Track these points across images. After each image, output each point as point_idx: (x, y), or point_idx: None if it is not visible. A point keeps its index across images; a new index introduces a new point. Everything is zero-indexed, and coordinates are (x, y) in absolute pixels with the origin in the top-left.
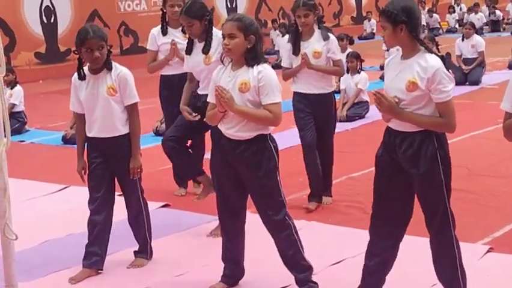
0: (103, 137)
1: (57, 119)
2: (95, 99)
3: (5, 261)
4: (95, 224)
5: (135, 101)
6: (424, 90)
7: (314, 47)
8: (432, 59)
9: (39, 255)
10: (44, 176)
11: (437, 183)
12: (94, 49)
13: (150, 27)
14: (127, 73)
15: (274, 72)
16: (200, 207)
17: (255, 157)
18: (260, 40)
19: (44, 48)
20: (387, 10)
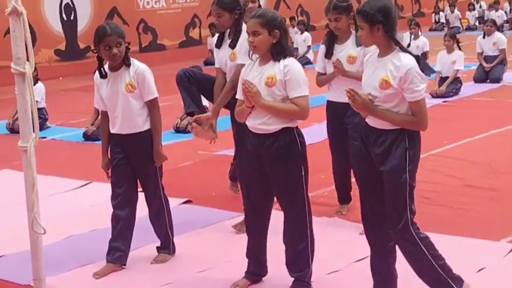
0: (124, 134)
1: (78, 116)
2: (116, 96)
3: (33, 255)
4: (118, 219)
5: (154, 97)
6: (396, 88)
7: (349, 51)
8: (405, 58)
9: (64, 250)
10: (66, 172)
11: (401, 181)
12: (112, 46)
13: (169, 24)
14: (144, 69)
15: (300, 65)
16: (222, 204)
17: (281, 150)
18: (285, 34)
19: (64, 45)
20: (364, 10)
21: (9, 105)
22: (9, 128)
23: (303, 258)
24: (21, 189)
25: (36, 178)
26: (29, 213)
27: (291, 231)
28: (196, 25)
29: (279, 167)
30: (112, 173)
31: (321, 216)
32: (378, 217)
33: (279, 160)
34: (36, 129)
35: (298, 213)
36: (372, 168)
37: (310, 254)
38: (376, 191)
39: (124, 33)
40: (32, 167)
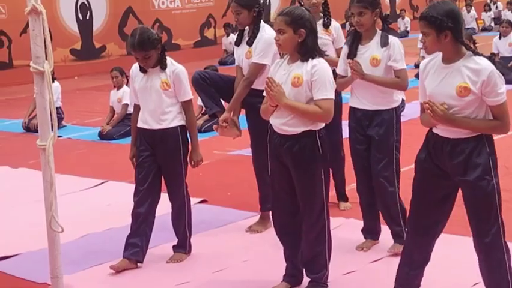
0: (152, 129)
1: (94, 115)
2: (149, 91)
3: (51, 253)
4: (137, 216)
5: (189, 98)
6: (477, 94)
7: (373, 52)
8: (483, 61)
9: (80, 249)
10: (82, 171)
11: (490, 190)
12: (140, 58)
13: (184, 24)
14: (181, 71)
15: (329, 67)
16: (237, 204)
17: (302, 153)
18: (312, 33)
19: (80, 44)
20: (431, 16)
21: (25, 104)
22: (25, 127)
23: (320, 260)
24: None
25: (54, 177)
26: (47, 212)
27: (309, 233)
28: (211, 25)
29: (299, 169)
30: (137, 170)
31: (338, 216)
32: (425, 229)
33: (299, 162)
34: (55, 128)
35: (317, 215)
36: (440, 182)
37: (327, 256)
38: (435, 205)
39: (155, 42)
40: (51, 165)
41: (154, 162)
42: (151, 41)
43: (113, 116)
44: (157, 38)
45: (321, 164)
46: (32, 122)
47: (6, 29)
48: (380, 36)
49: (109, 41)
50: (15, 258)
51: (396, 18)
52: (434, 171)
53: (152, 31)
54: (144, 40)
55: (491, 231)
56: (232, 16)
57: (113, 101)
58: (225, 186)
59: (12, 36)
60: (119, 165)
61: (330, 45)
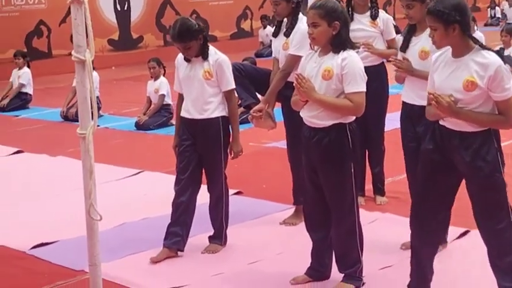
0: (194, 118)
1: (131, 105)
2: (192, 80)
3: (89, 241)
4: (178, 205)
5: (232, 88)
6: (483, 88)
7: (423, 45)
8: (491, 55)
9: (117, 238)
10: (118, 160)
11: (500, 185)
12: (181, 49)
13: (220, 15)
14: (224, 60)
15: (360, 60)
16: (273, 196)
17: (331, 146)
18: (345, 25)
19: (117, 35)
20: (438, 10)
21: (63, 93)
22: (63, 115)
23: (353, 254)
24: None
25: (93, 165)
26: (86, 200)
27: (339, 228)
28: (247, 17)
29: (328, 163)
30: (178, 159)
31: (374, 211)
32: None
33: (328, 156)
34: (95, 117)
35: (347, 210)
36: (447, 173)
37: (360, 250)
38: (443, 197)
39: (195, 33)
40: (90, 154)
41: (195, 151)
42: (191, 31)
43: (150, 107)
44: (197, 28)
45: (351, 158)
46: (70, 111)
47: (45, 19)
48: None
49: (146, 31)
50: (54, 245)
51: None
52: (442, 162)
53: (193, 22)
54: (184, 31)
55: (502, 222)
56: (269, 8)
57: (150, 92)
58: (260, 178)
59: (51, 26)
60: (155, 155)
61: (378, 38)
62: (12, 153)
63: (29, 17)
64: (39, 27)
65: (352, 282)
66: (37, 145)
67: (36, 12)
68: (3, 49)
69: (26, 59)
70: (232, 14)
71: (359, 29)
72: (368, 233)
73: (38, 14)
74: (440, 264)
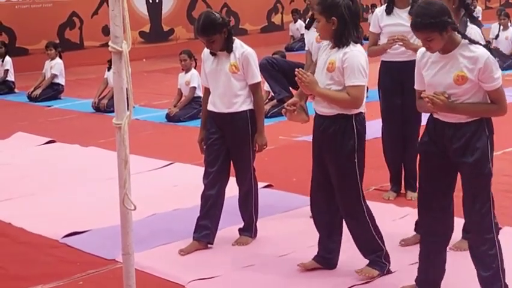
0: (222, 112)
1: (161, 97)
2: (219, 74)
3: (123, 230)
4: (207, 198)
5: (258, 81)
6: (474, 81)
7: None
8: (478, 49)
9: (148, 228)
10: (149, 152)
11: (486, 171)
12: (205, 43)
13: (251, 9)
14: (250, 53)
15: (363, 54)
16: (303, 189)
17: (335, 136)
18: (344, 20)
19: (149, 27)
20: (428, 23)
21: (95, 84)
22: (95, 106)
23: (372, 242)
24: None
25: (128, 155)
26: (121, 190)
27: (347, 218)
28: (278, 11)
29: (332, 151)
30: (206, 152)
31: (404, 206)
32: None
33: (332, 144)
34: (131, 107)
35: (354, 199)
36: (443, 164)
37: (378, 237)
38: (444, 186)
39: (218, 26)
40: (125, 144)
41: (223, 144)
42: (215, 25)
43: (181, 99)
44: (221, 22)
45: (354, 148)
46: (102, 102)
47: (78, 11)
48: (459, 23)
49: (177, 24)
50: (86, 234)
51: None
52: (437, 155)
53: (217, 15)
54: (207, 25)
55: (483, 210)
56: (300, 2)
57: (181, 84)
58: (290, 172)
59: (83, 17)
60: (185, 147)
61: None
62: (44, 143)
63: (62, 8)
64: (72, 18)
65: (376, 268)
66: (69, 135)
67: (69, 3)
68: (36, 40)
69: (58, 50)
70: (263, 8)
71: (398, 23)
72: (398, 228)
73: (71, 6)
74: (453, 267)
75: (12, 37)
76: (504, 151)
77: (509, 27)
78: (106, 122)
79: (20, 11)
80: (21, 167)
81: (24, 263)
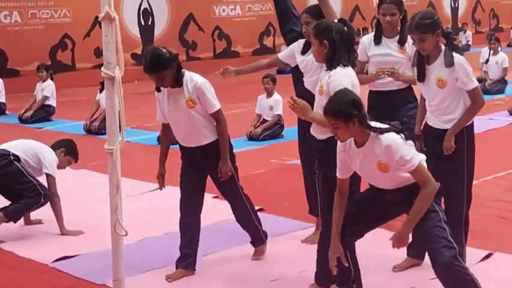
0: (193, 146)
1: (153, 119)
2: (178, 112)
3: (114, 256)
4: (187, 226)
5: (217, 109)
6: (395, 165)
7: (439, 74)
8: (385, 137)
9: (139, 252)
10: (140, 174)
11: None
12: (153, 79)
13: (243, 32)
14: (202, 83)
15: (348, 76)
16: (295, 214)
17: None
18: (334, 44)
19: (141, 49)
20: (335, 110)
21: (86, 106)
22: (86, 129)
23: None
24: (97, 189)
25: (120, 180)
26: (112, 215)
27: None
28: (270, 33)
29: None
30: (181, 179)
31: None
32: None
33: (321, 164)
34: (123, 132)
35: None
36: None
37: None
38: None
39: (167, 62)
40: (117, 169)
41: (198, 170)
42: (163, 61)
43: None
44: (169, 57)
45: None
46: (94, 124)
47: (70, 32)
48: (443, 56)
49: (170, 46)
50: (76, 259)
51: (458, 31)
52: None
53: (164, 50)
54: (155, 61)
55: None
56: None
57: None
58: (282, 196)
59: (76, 39)
60: (176, 170)
61: (405, 64)
62: None
63: (54, 30)
64: (64, 40)
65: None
66: None
67: (61, 25)
68: (28, 61)
69: (49, 72)
70: (255, 30)
71: (386, 53)
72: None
73: (63, 28)
74: None
75: (3, 58)
76: (495, 176)
77: (499, 51)
78: (97, 144)
79: (12, 32)
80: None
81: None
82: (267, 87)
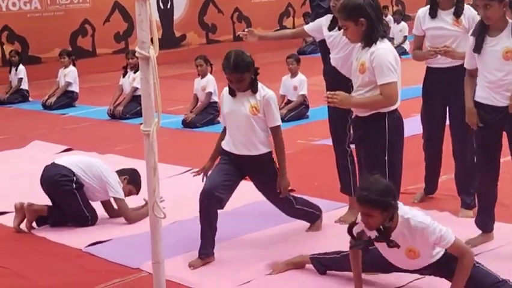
0: (242, 154)
1: (177, 103)
2: (238, 115)
3: (153, 238)
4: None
5: (278, 124)
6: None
7: (506, 45)
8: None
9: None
10: (167, 158)
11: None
12: (233, 81)
13: (263, 12)
14: (271, 96)
15: (390, 50)
16: (326, 194)
17: (368, 135)
18: (371, 19)
19: (160, 33)
20: (373, 199)
21: (108, 91)
22: (110, 114)
23: None
24: None
25: (157, 162)
26: (150, 197)
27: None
28: (290, 14)
29: (365, 150)
30: (217, 168)
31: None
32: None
33: (364, 143)
34: (159, 114)
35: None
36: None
37: None
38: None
39: (249, 65)
40: (154, 150)
41: (237, 170)
42: (246, 63)
43: (197, 104)
44: (250, 61)
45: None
46: (117, 109)
47: (90, 18)
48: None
49: (189, 29)
50: (109, 243)
51: None
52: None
53: (247, 54)
54: (239, 62)
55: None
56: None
57: (197, 89)
58: (311, 176)
59: (95, 25)
60: (203, 153)
61: (462, 37)
62: (62, 151)
63: (74, 16)
64: (84, 26)
65: None
66: (86, 143)
67: (81, 11)
68: (48, 48)
69: (71, 58)
70: (275, 11)
71: (440, 27)
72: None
73: (83, 13)
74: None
75: (25, 46)
76: None
77: None
78: (122, 129)
79: (32, 19)
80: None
81: (48, 273)
82: (291, 68)
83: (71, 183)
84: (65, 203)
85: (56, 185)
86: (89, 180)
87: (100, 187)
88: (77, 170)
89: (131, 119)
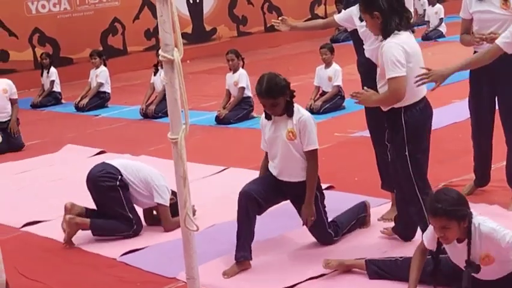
0: (282, 180)
1: (209, 99)
2: (277, 141)
3: (186, 253)
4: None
5: (315, 148)
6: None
7: None
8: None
9: (208, 241)
10: (201, 157)
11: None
12: (267, 106)
13: (293, 2)
14: (307, 118)
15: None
16: (367, 189)
17: (390, 130)
18: (384, 13)
19: (191, 28)
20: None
21: (140, 90)
22: (143, 113)
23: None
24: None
25: (187, 171)
26: (181, 210)
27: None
28: (321, 2)
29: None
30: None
31: (479, 203)
32: None
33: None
34: (187, 119)
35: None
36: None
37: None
38: None
39: (283, 89)
40: (183, 159)
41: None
42: (279, 87)
43: (230, 100)
44: (285, 84)
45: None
46: (150, 108)
47: (119, 16)
48: None
49: (219, 23)
50: (143, 252)
51: None
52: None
53: (281, 77)
54: (272, 87)
55: None
56: None
57: (229, 84)
58: (350, 171)
59: (125, 23)
60: (238, 150)
61: (510, 21)
62: (95, 154)
63: (103, 15)
64: (114, 24)
65: None
66: (118, 144)
67: (110, 10)
68: (79, 49)
69: (102, 58)
70: (306, 0)
71: (487, 10)
72: None
73: (112, 12)
74: None
75: (56, 47)
76: None
77: None
78: (155, 129)
79: (62, 20)
80: (75, 181)
81: (81, 284)
82: (325, 58)
83: (115, 180)
84: (107, 200)
85: (100, 180)
86: (135, 183)
87: (146, 191)
88: (125, 170)
89: (163, 118)
